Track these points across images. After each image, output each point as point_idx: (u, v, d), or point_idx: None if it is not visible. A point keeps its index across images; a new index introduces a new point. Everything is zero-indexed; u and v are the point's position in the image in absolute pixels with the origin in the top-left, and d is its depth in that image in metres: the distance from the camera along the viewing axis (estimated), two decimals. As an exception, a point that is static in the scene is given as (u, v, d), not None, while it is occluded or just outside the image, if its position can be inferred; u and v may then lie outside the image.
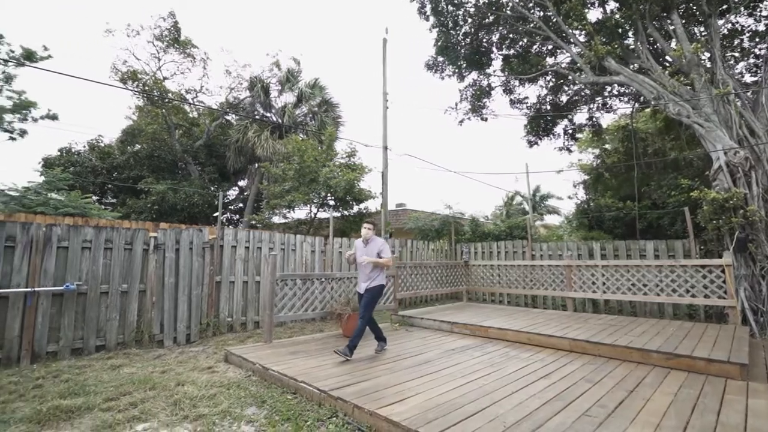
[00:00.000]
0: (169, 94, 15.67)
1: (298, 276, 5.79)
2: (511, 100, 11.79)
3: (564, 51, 9.70)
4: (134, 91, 15.06)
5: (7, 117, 14.39)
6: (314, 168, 10.63)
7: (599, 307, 8.03)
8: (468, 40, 10.87)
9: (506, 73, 11.21)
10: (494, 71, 11.37)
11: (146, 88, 14.89)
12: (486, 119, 11.98)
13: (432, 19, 10.61)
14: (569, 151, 12.84)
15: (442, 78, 11.69)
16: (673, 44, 8.41)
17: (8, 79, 13.56)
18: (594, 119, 12.06)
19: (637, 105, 11.22)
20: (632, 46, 8.85)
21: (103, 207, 12.64)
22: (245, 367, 4.51)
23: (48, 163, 14.17)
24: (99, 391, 3.83)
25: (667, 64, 8.98)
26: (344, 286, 6.30)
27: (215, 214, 17.93)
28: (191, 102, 16.13)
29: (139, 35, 14.98)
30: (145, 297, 5.74)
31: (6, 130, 14.29)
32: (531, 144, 12.72)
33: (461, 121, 12.15)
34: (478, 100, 11.57)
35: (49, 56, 14.16)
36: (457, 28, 10.78)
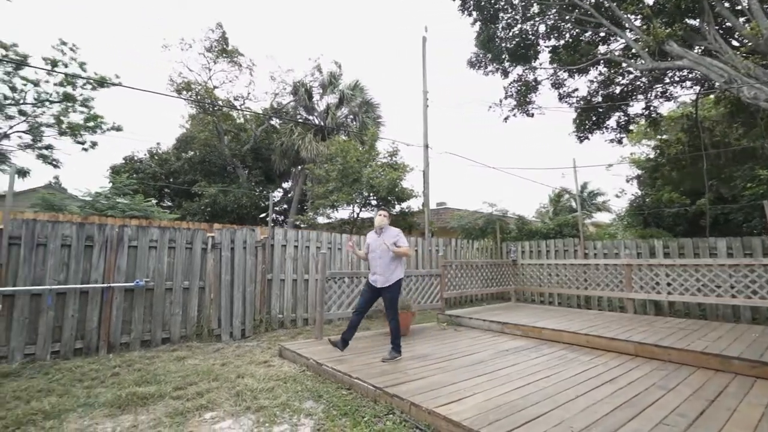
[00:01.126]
0: (219, 102, 16.53)
1: (346, 274, 5.87)
2: (559, 94, 11.24)
3: (618, 38, 9.12)
4: (188, 101, 16.05)
5: (81, 132, 15.90)
6: (357, 168, 10.76)
7: (663, 309, 7.46)
8: (511, 33, 10.52)
9: (554, 65, 10.72)
10: (540, 64, 10.90)
11: (198, 97, 15.81)
12: (532, 115, 11.52)
13: (474, 13, 10.36)
14: (620, 142, 12.06)
15: (486, 74, 11.39)
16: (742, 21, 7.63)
17: (86, 100, 14.91)
18: (652, 109, 11.22)
19: (702, 90, 10.32)
20: (697, 27, 8.14)
21: (162, 209, 13.57)
22: (299, 362, 4.63)
23: (115, 170, 15.45)
24: (168, 380, 4.09)
25: (738, 44, 8.17)
26: (391, 285, 6.30)
27: (261, 215, 18.69)
28: (239, 108, 16.93)
29: (191, 48, 15.98)
30: (204, 293, 6.08)
31: (79, 143, 15.77)
32: (581, 139, 12.07)
33: (506, 118, 11.77)
34: (524, 96, 11.14)
35: (120, 83, 15.49)
36: (500, 21, 10.47)
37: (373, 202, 11.48)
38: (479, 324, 6.28)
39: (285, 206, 18.86)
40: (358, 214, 11.57)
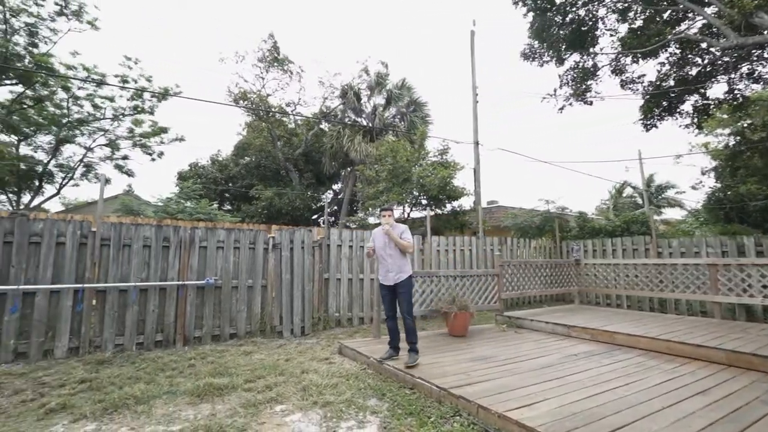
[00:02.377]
0: (272, 109, 17.32)
1: (403, 273, 5.84)
2: (622, 80, 10.40)
3: (694, 15, 8.27)
4: (244, 108, 16.98)
5: (149, 143, 17.45)
6: (407, 168, 10.74)
7: (756, 314, 6.63)
8: (568, 19, 9.93)
9: (616, 50, 9.97)
10: (601, 49, 10.18)
11: (253, 105, 16.68)
12: (590, 102, 10.80)
13: (529, 2, 9.92)
14: (700, 128, 10.90)
15: (541, 65, 10.86)
16: None
17: (152, 110, 16.32)
18: (736, 91, 10.03)
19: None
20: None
21: (223, 213, 14.49)
22: (359, 360, 4.69)
23: (181, 176, 16.76)
24: (239, 373, 4.31)
25: None
26: (448, 284, 6.19)
27: (313, 217, 19.32)
28: (291, 113, 17.62)
29: (244, 60, 16.92)
30: (266, 292, 6.36)
31: (148, 153, 17.30)
32: (648, 127, 11.09)
33: (561, 108, 11.13)
34: (580, 83, 10.48)
35: (180, 92, 16.80)
36: (555, 8, 9.92)
37: (424, 202, 11.39)
38: (542, 326, 5.98)
39: (335, 207, 19.33)
40: (408, 213, 11.55)
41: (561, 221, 10.67)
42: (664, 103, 10.37)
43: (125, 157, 16.54)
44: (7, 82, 12.37)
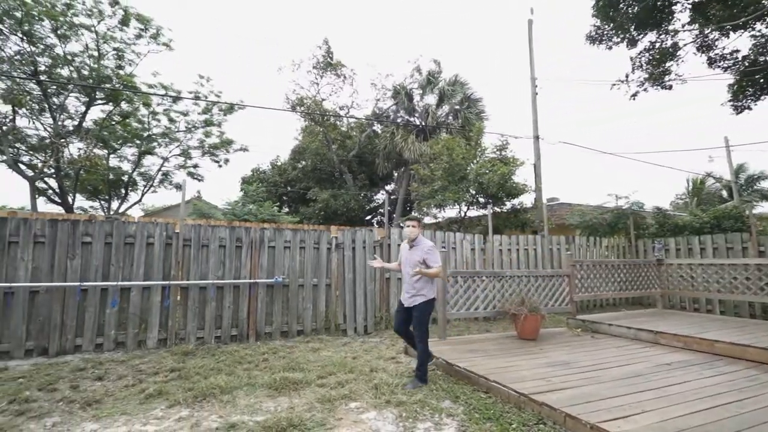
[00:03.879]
0: (327, 113, 17.84)
1: (468, 273, 5.69)
2: (709, 58, 9.31)
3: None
4: (301, 114, 17.67)
5: (217, 151, 18.80)
6: (463, 165, 10.48)
7: None
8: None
9: (698, 25, 8.94)
10: (683, 25, 9.19)
11: (309, 110, 17.30)
12: (670, 87, 9.81)
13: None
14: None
15: (609, 48, 10.07)
16: None
17: (220, 123, 17.53)
18: None
19: None
20: None
21: (283, 214, 15.15)
22: (426, 360, 4.61)
23: (245, 181, 17.80)
24: (310, 369, 4.43)
25: None
26: (515, 285, 5.91)
27: (367, 217, 19.60)
28: (345, 115, 18.03)
29: (300, 67, 17.58)
30: (330, 290, 6.51)
31: (216, 161, 18.61)
32: (739, 109, 9.84)
33: (634, 95, 10.25)
34: (657, 65, 9.55)
35: (244, 105, 17.91)
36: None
37: (481, 200, 11.05)
38: (623, 332, 5.49)
39: (389, 208, 19.48)
40: (465, 212, 11.27)
41: (636, 218, 9.78)
42: (761, 80, 9.12)
43: (196, 165, 17.92)
44: (99, 101, 13.94)
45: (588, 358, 4.37)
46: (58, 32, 11.15)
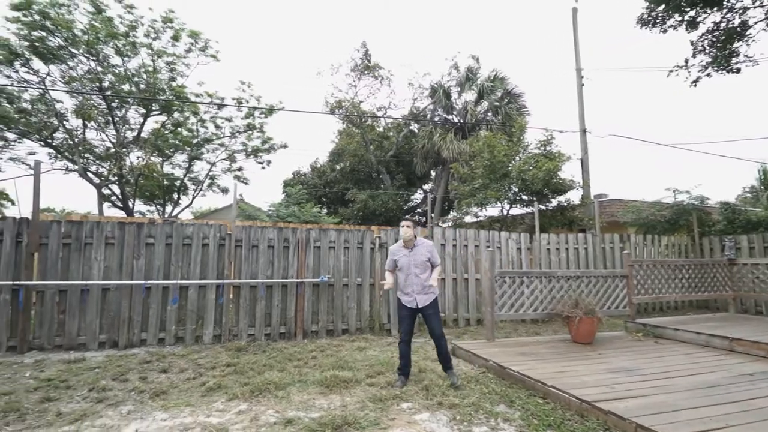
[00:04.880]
0: (365, 114, 18.01)
1: (516, 273, 5.50)
2: (785, 34, 8.40)
3: None
4: (339, 117, 17.96)
5: (260, 153, 19.54)
6: (505, 163, 10.17)
7: None
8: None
9: None
10: (753, 0, 8.35)
11: (347, 113, 17.55)
12: (738, 70, 8.94)
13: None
14: None
15: (664, 31, 9.36)
16: None
17: (262, 125, 18.24)
18: None
19: None
20: None
21: (325, 215, 15.46)
22: (476, 362, 4.50)
23: (286, 183, 18.36)
24: (358, 367, 4.46)
25: None
26: (566, 286, 5.64)
27: (405, 217, 19.56)
28: (382, 116, 18.13)
29: (338, 71, 17.88)
30: (374, 290, 6.55)
31: (259, 163, 19.36)
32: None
33: (695, 81, 9.45)
34: (723, 47, 8.75)
35: (283, 107, 18.51)
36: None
37: (524, 198, 10.66)
38: (691, 337, 5.07)
39: (426, 207, 19.32)
40: (507, 210, 10.93)
41: (700, 214, 9.02)
42: None
43: (240, 168, 18.74)
44: (155, 112, 14.95)
45: (653, 365, 4.07)
46: (121, 51, 12.06)
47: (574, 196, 10.76)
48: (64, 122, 12.65)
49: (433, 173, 19.41)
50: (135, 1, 12.15)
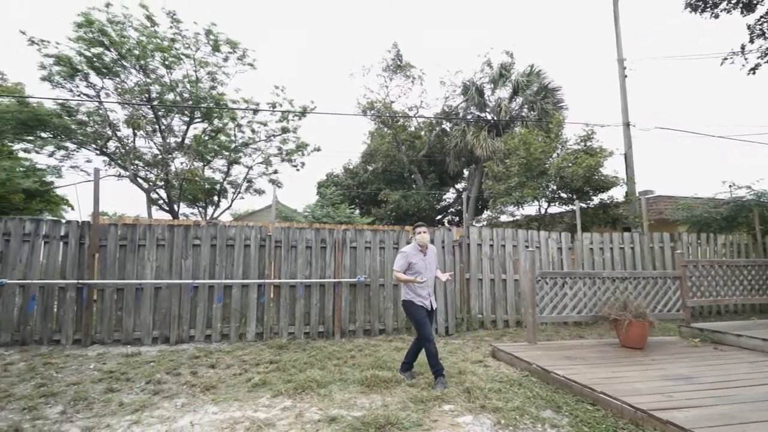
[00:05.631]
0: (397, 114, 18.04)
1: (558, 274, 5.30)
2: None
3: None
4: (371, 117, 18.09)
5: (294, 156, 20.06)
6: (542, 160, 9.84)
7: None
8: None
9: None
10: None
11: (378, 114, 17.64)
12: (805, 52, 8.18)
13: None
14: None
15: (716, 15, 8.73)
16: None
17: (295, 128, 18.71)
18: None
19: None
20: None
21: (358, 216, 15.62)
22: (518, 365, 4.39)
23: (320, 185, 18.72)
24: (396, 367, 4.46)
25: None
26: (612, 287, 5.38)
27: (437, 217, 19.39)
28: (414, 116, 18.07)
29: (370, 71, 18.01)
30: (409, 290, 6.52)
31: (293, 165, 19.86)
32: None
33: (754, 68, 8.74)
34: (787, 29, 8.03)
35: (315, 108, 18.88)
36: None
37: (563, 195, 10.27)
38: (756, 344, 4.68)
39: (459, 207, 19.05)
40: (545, 209, 10.56)
41: (762, 210, 8.31)
42: None
43: (276, 171, 19.31)
44: (197, 120, 15.71)
45: (714, 373, 3.80)
46: (166, 63, 12.78)
47: (617, 193, 10.25)
48: (117, 132, 13.57)
49: (466, 172, 19.11)
50: (176, 13, 12.85)
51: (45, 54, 11.34)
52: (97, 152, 13.79)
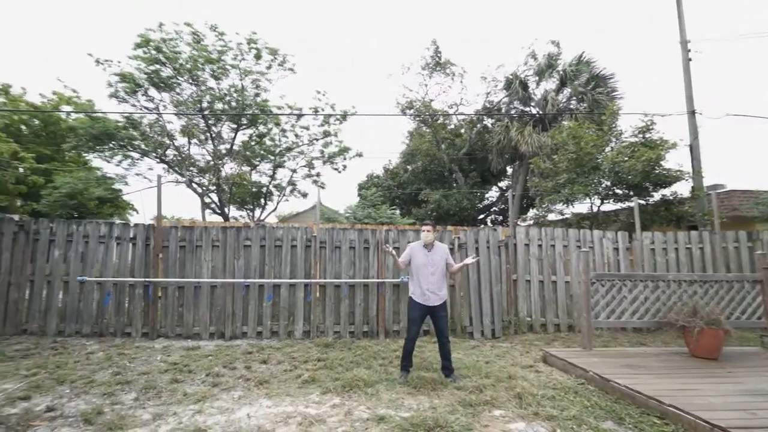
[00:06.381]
0: (437, 113, 17.86)
1: (616, 276, 4.97)
2: None
3: None
4: (411, 117, 18.03)
5: (336, 159, 20.50)
6: (594, 154, 9.28)
7: None
8: None
9: None
10: None
11: (418, 113, 17.55)
12: None
13: None
14: None
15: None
16: None
17: (336, 132, 19.10)
18: None
19: None
20: None
21: (399, 216, 15.63)
22: (572, 372, 4.17)
23: (361, 186, 18.95)
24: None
25: None
26: (679, 292, 4.95)
27: (480, 216, 18.93)
28: (454, 113, 17.78)
29: (409, 70, 17.94)
30: (454, 291, 6.42)
31: (335, 168, 20.28)
32: None
33: None
34: None
35: (356, 112, 19.18)
36: None
37: (619, 192, 9.62)
38: None
39: (503, 206, 18.47)
40: (598, 207, 9.95)
41: None
42: None
43: (318, 174, 19.82)
44: (243, 126, 16.51)
45: (806, 388, 3.38)
46: (214, 74, 13.55)
47: (681, 189, 9.43)
48: (174, 141, 14.59)
49: (509, 170, 18.50)
50: (215, 23, 13.62)
51: (111, 73, 12.45)
52: (158, 160, 14.89)
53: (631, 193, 9.23)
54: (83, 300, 5.89)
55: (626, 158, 8.75)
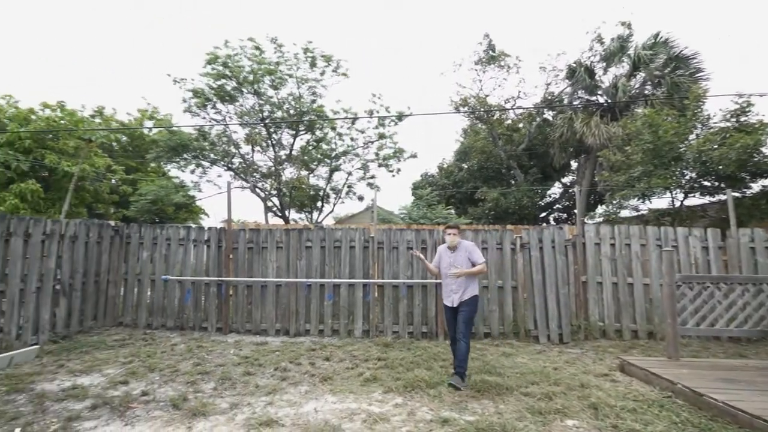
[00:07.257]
0: (492, 108, 17.29)
1: (708, 278, 4.44)
2: None
3: None
4: (465, 114, 17.63)
5: (390, 161, 20.68)
6: (675, 143, 8.36)
7: None
8: None
9: None
10: None
11: (473, 109, 17.10)
12: None
13: None
14: None
15: None
16: None
17: (392, 135, 19.26)
18: None
19: None
20: None
21: (456, 216, 15.32)
22: (655, 383, 3.77)
23: (415, 186, 18.89)
24: (507, 374, 4.23)
25: None
26: (789, 296, 4.28)
27: (542, 214, 17.96)
28: (511, 108, 17.08)
29: (461, 67, 17.58)
30: (516, 293, 6.15)
31: (390, 171, 20.45)
32: None
33: None
34: None
35: (411, 113, 19.19)
36: None
37: (707, 184, 8.57)
38: None
39: (567, 203, 17.33)
40: (681, 201, 8.94)
41: None
42: None
43: (373, 176, 20.11)
44: (302, 132, 17.27)
45: None
46: (274, 84, 14.34)
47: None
48: (239, 149, 15.68)
49: (574, 164, 17.32)
50: (275, 35, 14.35)
51: (186, 89, 13.72)
52: (225, 168, 16.10)
53: (723, 185, 8.19)
54: (167, 296, 6.53)
55: (716, 146, 7.79)
